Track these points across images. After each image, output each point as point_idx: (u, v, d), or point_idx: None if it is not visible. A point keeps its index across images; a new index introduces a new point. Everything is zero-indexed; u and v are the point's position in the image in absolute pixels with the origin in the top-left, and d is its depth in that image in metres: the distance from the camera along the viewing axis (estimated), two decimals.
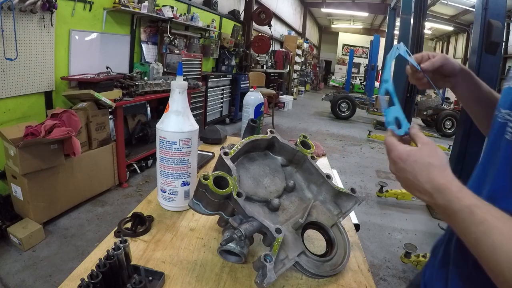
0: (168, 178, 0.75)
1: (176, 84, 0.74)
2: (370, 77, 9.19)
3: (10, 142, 2.07)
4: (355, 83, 14.10)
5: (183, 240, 0.67)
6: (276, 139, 0.68)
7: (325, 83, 18.00)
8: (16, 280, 1.80)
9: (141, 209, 0.77)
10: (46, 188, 2.27)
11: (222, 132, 1.39)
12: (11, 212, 2.28)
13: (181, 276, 0.57)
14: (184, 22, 4.46)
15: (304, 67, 13.25)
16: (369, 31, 16.95)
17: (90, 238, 2.25)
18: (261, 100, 1.26)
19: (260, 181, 0.65)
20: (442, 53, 0.72)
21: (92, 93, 2.57)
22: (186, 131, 0.73)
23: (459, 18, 11.06)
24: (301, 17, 13.92)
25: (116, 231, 0.67)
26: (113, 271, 0.48)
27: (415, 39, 4.53)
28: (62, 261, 1.99)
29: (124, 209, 2.69)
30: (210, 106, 5.30)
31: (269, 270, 0.51)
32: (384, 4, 11.33)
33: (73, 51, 2.93)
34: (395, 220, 3.01)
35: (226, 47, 5.92)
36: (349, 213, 0.70)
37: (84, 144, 2.60)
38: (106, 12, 3.20)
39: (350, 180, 3.92)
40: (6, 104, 2.38)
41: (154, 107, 4.03)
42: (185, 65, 4.29)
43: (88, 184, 2.67)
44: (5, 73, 2.31)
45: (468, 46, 10.83)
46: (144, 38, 3.97)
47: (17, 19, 2.28)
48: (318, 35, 20.01)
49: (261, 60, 8.07)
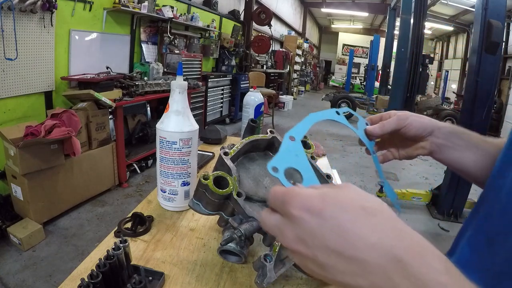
0: (168, 178, 0.75)
1: (176, 84, 0.74)
2: (370, 77, 9.19)
3: (10, 142, 2.07)
4: (355, 83, 14.11)
5: (183, 240, 0.67)
6: (276, 139, 0.68)
7: (325, 83, 18.01)
8: (16, 280, 1.80)
9: (141, 209, 0.77)
10: (46, 188, 2.27)
11: (222, 132, 1.39)
12: (11, 212, 2.28)
13: (181, 276, 0.57)
14: (184, 22, 4.46)
15: (304, 67, 13.25)
16: (369, 31, 16.95)
17: (90, 238, 2.25)
18: (261, 100, 1.26)
19: (260, 181, 0.65)
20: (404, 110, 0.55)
21: (92, 93, 2.57)
22: (186, 131, 0.73)
23: (459, 18, 11.06)
24: (301, 17, 13.92)
25: (116, 231, 0.67)
26: (113, 271, 0.48)
27: (415, 39, 4.54)
28: (62, 261, 1.99)
29: (124, 209, 2.69)
30: (210, 106, 5.30)
31: (269, 270, 0.51)
32: (384, 4, 11.33)
33: (73, 51, 2.93)
34: None
35: (226, 47, 5.92)
36: None
37: (84, 144, 2.60)
38: (106, 12, 3.20)
39: (350, 180, 3.92)
40: (6, 104, 2.38)
41: (154, 107, 4.03)
42: (185, 65, 4.29)
43: (88, 184, 2.67)
44: (5, 73, 2.31)
45: (468, 46, 10.83)
46: (144, 38, 3.97)
47: (17, 19, 2.28)
48: (318, 35, 20.01)
49: (261, 60, 8.07)
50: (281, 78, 9.01)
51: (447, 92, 12.53)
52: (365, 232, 0.26)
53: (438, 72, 15.71)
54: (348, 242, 0.26)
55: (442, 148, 0.53)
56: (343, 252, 0.26)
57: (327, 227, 0.26)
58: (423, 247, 0.26)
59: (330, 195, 0.28)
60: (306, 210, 0.27)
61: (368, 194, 0.29)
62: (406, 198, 3.25)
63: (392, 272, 0.24)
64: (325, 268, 0.27)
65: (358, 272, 0.26)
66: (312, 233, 0.27)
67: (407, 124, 0.52)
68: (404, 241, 0.26)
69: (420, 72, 5.44)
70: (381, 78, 8.36)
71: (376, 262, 0.25)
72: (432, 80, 14.83)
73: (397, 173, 4.33)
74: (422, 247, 0.26)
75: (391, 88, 6.85)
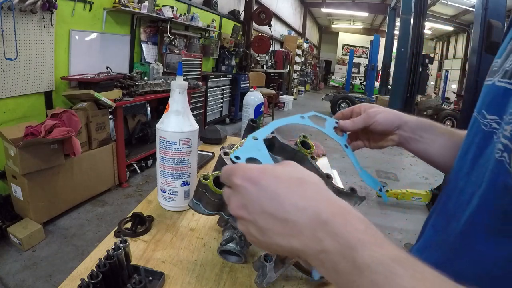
0: (168, 178, 0.75)
1: (176, 84, 0.74)
2: (370, 77, 9.20)
3: (10, 142, 2.07)
4: (355, 83, 14.11)
5: (183, 240, 0.67)
6: (276, 139, 0.68)
7: (325, 83, 18.00)
8: (16, 280, 1.80)
9: (141, 209, 0.77)
10: (46, 188, 2.27)
11: (222, 132, 1.39)
12: (11, 212, 2.28)
13: (181, 276, 0.57)
14: (184, 22, 4.46)
15: (304, 67, 13.25)
16: (369, 31, 16.95)
17: (90, 238, 2.25)
18: (261, 100, 1.26)
19: None
20: (375, 105, 0.60)
21: (92, 93, 2.57)
22: (186, 131, 0.73)
23: (459, 18, 11.07)
24: (301, 17, 13.92)
25: (116, 231, 0.67)
26: (113, 271, 0.48)
27: (415, 39, 4.54)
28: (62, 261, 1.99)
29: (124, 209, 2.69)
30: (210, 106, 5.30)
31: (269, 270, 0.51)
32: (384, 4, 11.33)
33: (73, 51, 2.93)
34: (395, 220, 3.01)
35: (226, 47, 5.91)
36: None
37: (84, 144, 2.60)
38: (106, 12, 3.20)
39: (350, 180, 3.91)
40: (6, 104, 2.38)
41: (154, 107, 4.03)
42: (185, 65, 4.29)
43: (88, 184, 2.67)
44: (5, 73, 2.31)
45: (468, 46, 10.83)
46: (144, 38, 3.97)
47: (17, 19, 2.28)
48: (318, 35, 20.01)
49: (261, 60, 8.07)
50: (281, 78, 9.01)
51: (447, 92, 12.54)
52: (296, 198, 0.29)
53: (438, 72, 15.71)
54: (282, 206, 0.29)
55: (409, 140, 0.58)
56: (277, 215, 0.29)
57: (264, 194, 0.30)
58: (347, 211, 0.29)
59: (269, 168, 0.33)
60: (247, 179, 0.31)
61: (307, 171, 0.34)
62: (406, 198, 3.25)
63: (319, 232, 0.28)
64: (264, 231, 0.31)
65: (291, 233, 0.29)
66: (251, 199, 0.31)
67: (374, 122, 0.57)
68: (331, 206, 0.29)
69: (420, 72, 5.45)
70: (381, 78, 8.37)
71: (305, 223, 0.28)
72: (432, 80, 14.83)
73: (397, 173, 4.33)
74: (346, 211, 0.29)
75: (391, 88, 6.85)
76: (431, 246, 0.49)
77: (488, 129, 0.41)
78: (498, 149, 0.36)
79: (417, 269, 0.25)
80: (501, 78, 0.41)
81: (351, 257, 0.26)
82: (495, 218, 0.36)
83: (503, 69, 0.41)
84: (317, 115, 0.61)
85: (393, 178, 4.17)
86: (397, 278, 0.24)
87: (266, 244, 0.32)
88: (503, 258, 0.35)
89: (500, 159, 0.36)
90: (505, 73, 0.41)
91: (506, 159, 0.35)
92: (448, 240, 0.44)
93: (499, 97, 0.40)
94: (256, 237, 0.32)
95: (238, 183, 0.32)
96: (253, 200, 0.31)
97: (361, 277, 0.25)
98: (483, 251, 0.37)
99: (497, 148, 0.37)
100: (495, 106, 0.41)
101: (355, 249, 0.26)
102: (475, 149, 0.43)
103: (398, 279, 0.24)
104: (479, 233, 0.38)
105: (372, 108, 0.59)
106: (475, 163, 0.42)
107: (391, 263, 0.25)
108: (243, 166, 0.33)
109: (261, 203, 0.30)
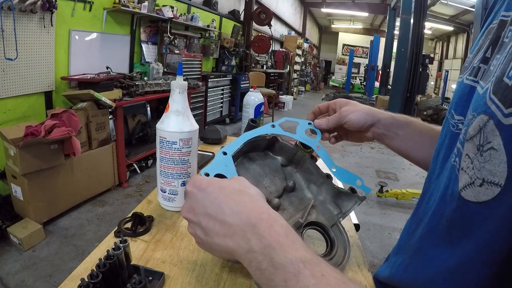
0: (168, 178, 0.75)
1: (176, 84, 0.74)
2: (370, 77, 9.20)
3: (10, 142, 2.07)
4: (355, 83, 14.13)
5: (183, 240, 0.67)
6: (276, 139, 0.68)
7: (325, 83, 18.01)
8: (16, 280, 1.80)
9: (141, 209, 0.77)
10: (46, 188, 2.27)
11: (222, 132, 1.39)
12: (11, 212, 2.28)
13: (181, 276, 0.57)
14: (184, 22, 4.46)
15: (304, 67, 13.24)
16: (369, 31, 16.95)
17: (90, 238, 2.25)
18: (261, 100, 1.26)
19: (260, 181, 0.65)
20: (350, 101, 0.62)
21: (92, 93, 2.57)
22: (186, 131, 0.73)
23: (459, 18, 11.07)
24: (301, 17, 13.92)
25: (116, 231, 0.67)
26: (113, 271, 0.48)
27: (415, 39, 4.54)
28: (62, 261, 1.99)
29: (124, 209, 2.69)
30: (210, 106, 5.30)
31: None
32: (384, 4, 11.33)
33: (73, 51, 2.93)
34: (395, 220, 3.01)
35: (226, 47, 5.91)
36: (349, 213, 0.70)
37: (84, 144, 2.60)
38: (106, 12, 3.20)
39: None
40: (6, 104, 2.38)
41: (154, 107, 4.03)
42: (185, 65, 4.29)
43: (88, 184, 2.67)
44: (5, 73, 2.31)
45: (468, 46, 10.83)
46: (144, 38, 3.97)
47: (17, 19, 2.28)
48: (318, 35, 20.01)
49: (261, 60, 8.07)
50: (281, 78, 9.01)
51: (447, 92, 12.53)
52: (233, 204, 0.35)
53: (438, 72, 15.71)
54: (221, 209, 0.35)
55: (383, 137, 0.60)
56: (217, 216, 0.35)
57: (208, 199, 0.36)
58: (273, 219, 0.34)
59: (216, 180, 0.39)
60: (196, 187, 0.38)
61: (250, 185, 0.38)
62: (406, 198, 3.25)
63: (248, 233, 0.32)
64: (206, 232, 0.36)
65: (227, 233, 0.34)
66: (197, 203, 0.37)
67: (347, 121, 0.59)
68: (261, 213, 0.34)
69: (420, 72, 5.45)
70: (381, 78, 8.37)
71: (238, 225, 0.33)
72: (432, 80, 14.83)
73: (397, 173, 4.33)
74: (272, 218, 0.34)
75: (391, 88, 6.85)
76: (400, 249, 0.51)
77: (455, 130, 0.40)
78: (454, 153, 0.36)
79: (317, 268, 0.29)
80: (468, 75, 0.40)
81: (270, 257, 0.30)
82: (442, 226, 0.36)
83: (472, 66, 0.40)
84: (289, 120, 0.62)
85: (393, 178, 4.17)
86: (301, 276, 0.28)
87: (209, 244, 0.36)
88: (446, 267, 0.34)
89: (453, 164, 0.36)
90: (472, 70, 0.39)
91: (457, 164, 0.34)
92: (411, 244, 0.44)
93: (465, 95, 0.39)
94: (201, 237, 0.37)
95: (189, 190, 0.38)
96: (199, 203, 0.36)
97: (276, 275, 0.29)
98: (433, 257, 0.37)
99: (454, 152, 0.36)
100: (461, 106, 0.39)
101: (274, 250, 0.30)
102: (444, 151, 0.42)
103: (302, 277, 0.28)
104: (431, 239, 0.39)
105: (346, 105, 0.60)
106: (443, 166, 0.42)
107: (300, 263, 0.29)
108: (196, 177, 0.40)
109: (205, 206, 0.36)
